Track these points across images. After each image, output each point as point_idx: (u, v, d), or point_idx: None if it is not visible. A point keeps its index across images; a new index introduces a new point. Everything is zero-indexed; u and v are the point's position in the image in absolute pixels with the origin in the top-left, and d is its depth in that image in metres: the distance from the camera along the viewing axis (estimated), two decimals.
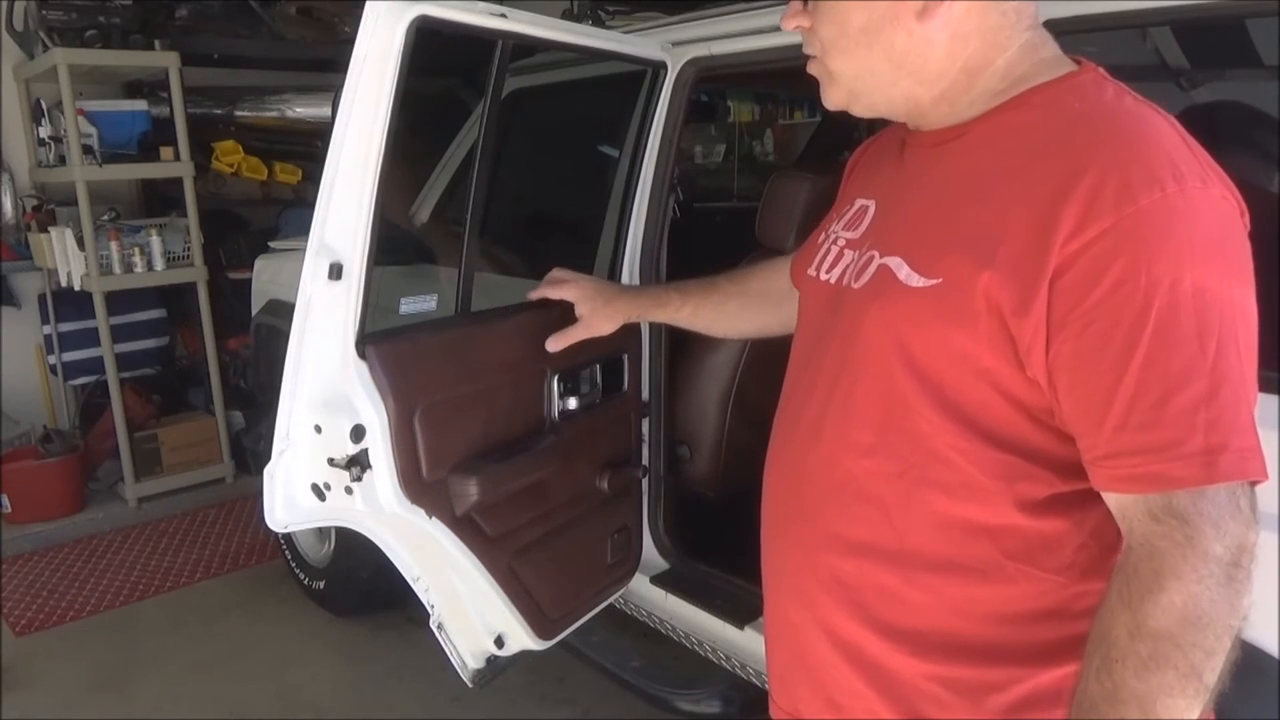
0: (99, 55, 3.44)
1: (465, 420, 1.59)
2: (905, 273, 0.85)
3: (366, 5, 1.29)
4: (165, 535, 3.58)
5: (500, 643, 1.82)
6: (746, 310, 1.44)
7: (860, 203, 1.01)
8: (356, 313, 1.42)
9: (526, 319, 1.69)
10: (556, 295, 1.61)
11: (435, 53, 1.36)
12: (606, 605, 2.07)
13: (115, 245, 3.47)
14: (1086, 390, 0.76)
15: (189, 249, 3.66)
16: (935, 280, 0.83)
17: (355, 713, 2.46)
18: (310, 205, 1.36)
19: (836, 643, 0.94)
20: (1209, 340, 0.72)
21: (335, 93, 1.40)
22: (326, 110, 3.85)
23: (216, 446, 3.88)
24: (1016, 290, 0.77)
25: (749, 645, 1.91)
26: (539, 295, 1.63)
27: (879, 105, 0.93)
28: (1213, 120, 1.78)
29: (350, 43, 1.30)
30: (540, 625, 1.82)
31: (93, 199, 3.40)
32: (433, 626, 1.75)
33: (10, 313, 3.79)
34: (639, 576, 2.11)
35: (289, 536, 2.97)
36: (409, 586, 1.72)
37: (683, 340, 2.09)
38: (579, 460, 1.85)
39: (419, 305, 1.70)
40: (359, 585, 2.77)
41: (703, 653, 2.04)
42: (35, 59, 3.54)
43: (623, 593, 2.11)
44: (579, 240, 2.28)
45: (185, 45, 3.66)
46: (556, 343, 1.62)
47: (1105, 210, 0.73)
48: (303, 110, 4.04)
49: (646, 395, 2.07)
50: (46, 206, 3.64)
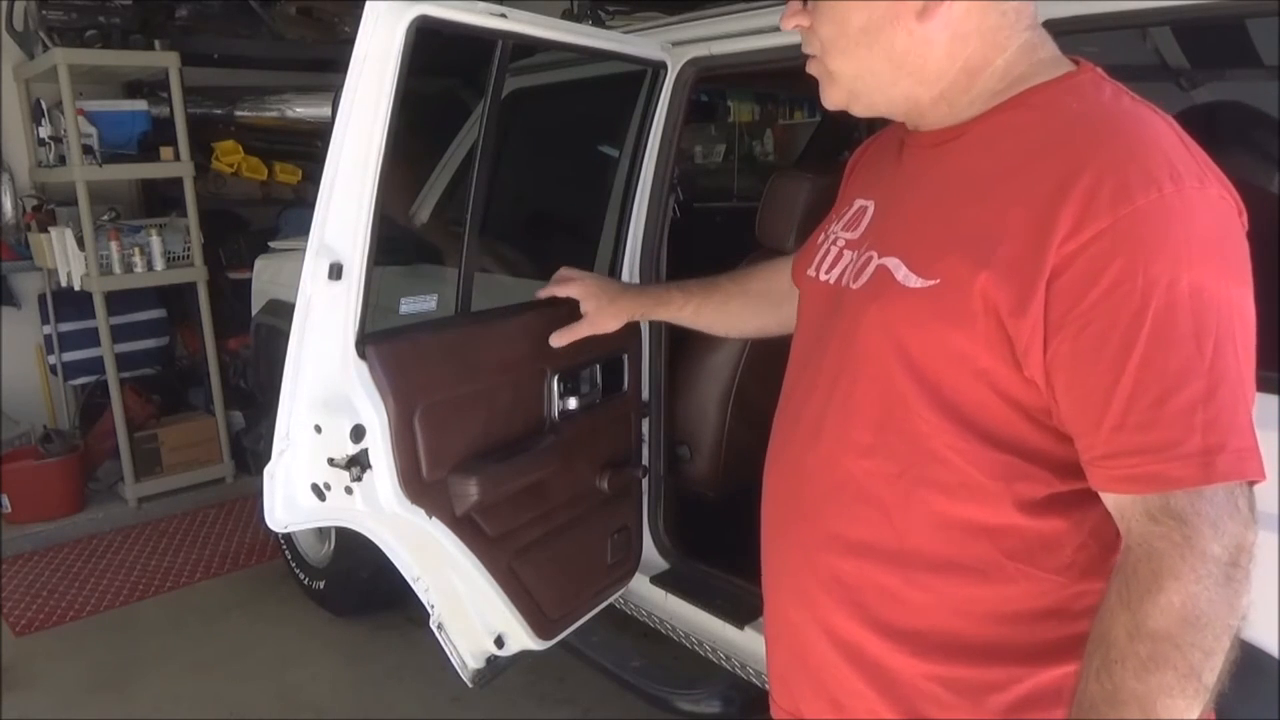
0: (99, 55, 3.44)
1: (465, 420, 1.59)
2: (903, 273, 0.86)
3: (366, 5, 1.29)
4: (165, 535, 3.58)
5: (500, 643, 1.82)
6: (747, 310, 1.45)
7: (859, 203, 1.01)
8: (356, 313, 1.43)
9: (527, 318, 1.69)
10: (564, 293, 1.63)
11: (435, 53, 1.37)
12: (606, 605, 2.07)
13: (115, 245, 3.47)
14: (1084, 391, 0.76)
15: (189, 249, 3.66)
16: (933, 281, 0.83)
17: (355, 713, 2.46)
18: (310, 205, 1.36)
19: (837, 643, 0.94)
20: (1206, 340, 0.72)
21: (335, 93, 1.40)
22: (326, 110, 3.85)
23: (216, 446, 3.88)
24: (1014, 291, 0.77)
25: (749, 645, 1.91)
26: (547, 293, 1.65)
27: (879, 105, 0.94)
28: (1213, 120, 1.78)
29: (350, 43, 1.30)
30: (540, 625, 1.82)
31: (93, 199, 3.40)
32: (433, 626, 1.75)
33: (10, 313, 3.79)
34: (639, 576, 2.11)
35: (289, 536, 2.97)
36: (409, 586, 1.72)
37: (683, 340, 2.09)
38: (579, 460, 1.85)
39: (419, 305, 1.69)
40: (359, 585, 2.77)
41: (703, 653, 2.04)
42: (35, 59, 3.54)
43: (623, 593, 2.11)
44: (579, 240, 2.28)
45: (185, 45, 3.66)
46: (561, 339, 1.64)
47: (1102, 211, 0.73)
48: (303, 110, 4.03)
49: (646, 395, 2.07)
50: (46, 206, 3.64)
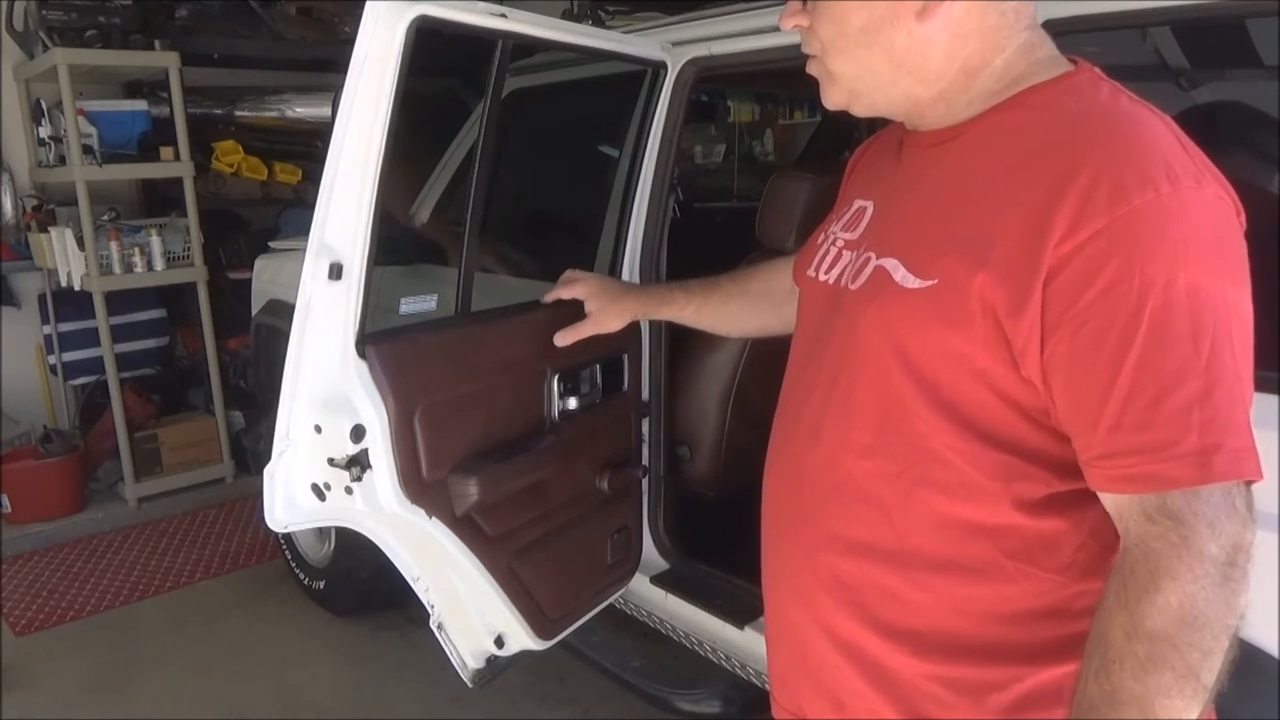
0: (99, 55, 3.44)
1: (465, 420, 1.59)
2: (901, 274, 0.86)
3: (366, 5, 1.29)
4: (165, 535, 3.58)
5: (500, 643, 1.82)
6: (748, 310, 1.46)
7: (858, 204, 1.01)
8: (356, 313, 1.43)
9: (527, 319, 1.70)
10: (569, 295, 1.64)
11: (435, 53, 1.37)
12: (606, 605, 2.07)
13: (115, 245, 3.47)
14: (1081, 391, 0.76)
15: (189, 249, 3.66)
16: (931, 281, 0.83)
17: (355, 713, 2.46)
18: (310, 205, 1.37)
19: (837, 643, 0.95)
20: (1203, 340, 0.72)
21: (335, 93, 1.40)
22: (326, 110, 3.85)
23: (216, 446, 3.88)
24: (1011, 291, 0.77)
25: (749, 645, 1.91)
26: (554, 297, 1.66)
27: (879, 105, 0.94)
28: (1213, 120, 1.78)
29: (350, 43, 1.30)
30: (540, 625, 1.82)
31: (93, 199, 3.40)
32: (433, 626, 1.75)
33: (10, 313, 3.79)
34: (639, 576, 2.11)
35: (289, 536, 2.97)
36: (409, 586, 1.72)
37: (683, 340, 2.09)
38: (579, 460, 1.85)
39: (419, 305, 1.69)
40: (359, 585, 2.77)
41: (703, 653, 2.04)
42: (35, 59, 3.53)
43: (623, 593, 2.11)
44: (579, 240, 2.28)
45: (185, 45, 3.66)
46: (565, 338, 1.65)
47: (1098, 211, 0.73)
48: (303, 110, 4.03)
49: (646, 395, 2.07)
50: (46, 206, 3.64)
